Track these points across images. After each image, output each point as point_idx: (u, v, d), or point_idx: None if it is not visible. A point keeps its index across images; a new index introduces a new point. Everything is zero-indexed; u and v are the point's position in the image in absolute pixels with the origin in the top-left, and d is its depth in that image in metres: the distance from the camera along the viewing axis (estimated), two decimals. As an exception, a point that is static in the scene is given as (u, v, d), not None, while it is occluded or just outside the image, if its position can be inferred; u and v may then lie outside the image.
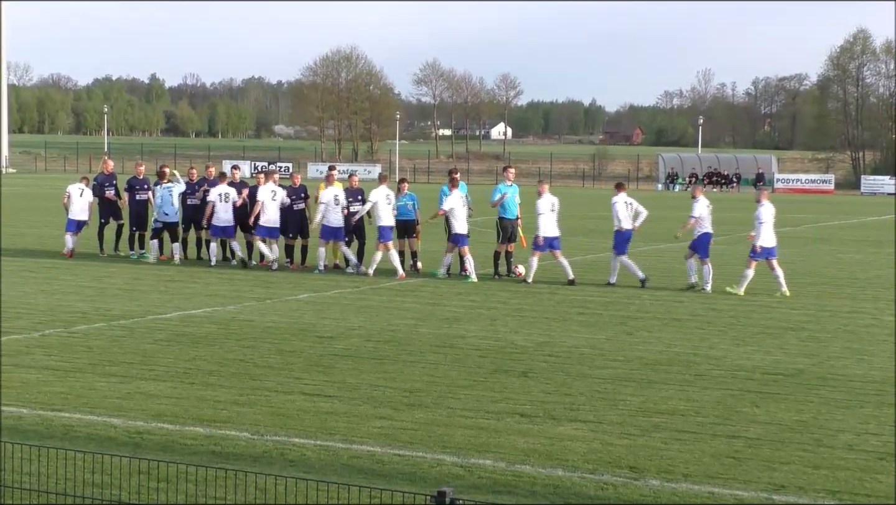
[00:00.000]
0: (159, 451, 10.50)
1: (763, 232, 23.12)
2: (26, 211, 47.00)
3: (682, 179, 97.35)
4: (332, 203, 25.42)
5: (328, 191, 25.65)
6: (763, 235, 23.11)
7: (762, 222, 23.13)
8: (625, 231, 24.25)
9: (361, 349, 16.06)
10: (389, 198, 25.46)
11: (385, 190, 25.42)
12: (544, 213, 24.23)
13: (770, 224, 23.26)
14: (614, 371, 14.76)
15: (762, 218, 23.18)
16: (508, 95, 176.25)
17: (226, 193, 26.91)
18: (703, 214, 23.91)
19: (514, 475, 9.96)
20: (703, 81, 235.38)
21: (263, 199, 26.15)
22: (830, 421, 12.20)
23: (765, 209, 23.30)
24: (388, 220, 25.23)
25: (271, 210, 26.18)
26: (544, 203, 24.37)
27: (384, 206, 25.24)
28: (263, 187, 26.46)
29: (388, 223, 25.19)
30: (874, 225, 49.04)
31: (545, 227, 24.16)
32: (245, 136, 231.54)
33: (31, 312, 18.93)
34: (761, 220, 23.16)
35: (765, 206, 23.37)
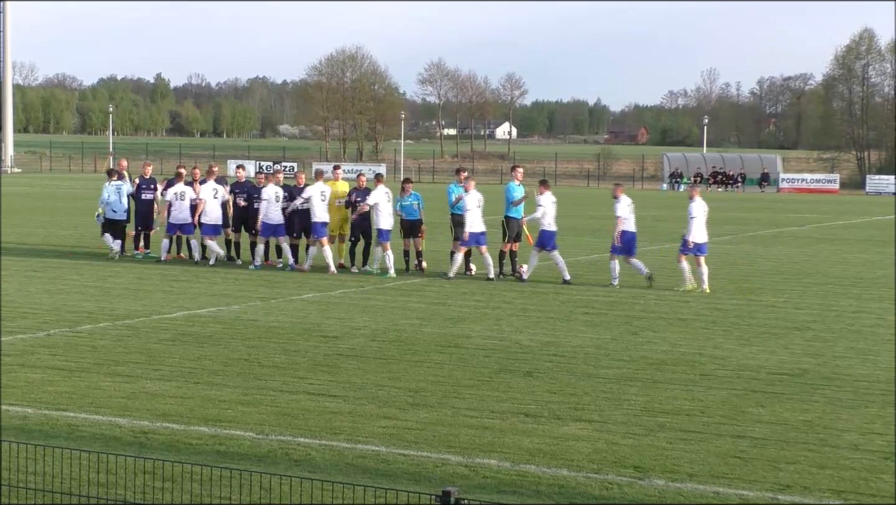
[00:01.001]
0: (164, 450, 10.51)
1: (694, 227, 23.38)
2: (32, 211, 47.04)
3: (687, 179, 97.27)
4: (273, 200, 25.96)
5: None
6: (694, 231, 23.36)
7: (693, 217, 23.42)
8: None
9: (366, 349, 16.07)
10: (388, 195, 25.58)
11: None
12: (471, 210, 24.45)
13: (701, 220, 23.56)
14: (619, 371, 14.75)
15: (693, 213, 23.46)
16: (513, 95, 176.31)
17: (181, 192, 27.24)
18: (625, 214, 24.07)
19: (519, 475, 9.96)
20: (708, 81, 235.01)
21: (205, 198, 26.84)
22: (835, 421, 12.18)
23: (696, 205, 23.57)
24: (387, 223, 25.28)
25: (213, 208, 26.87)
26: (471, 199, 24.58)
27: (385, 207, 25.27)
28: (206, 186, 27.16)
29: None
30: (879, 225, 48.98)
31: (472, 224, 24.36)
32: (250, 136, 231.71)
33: (36, 312, 18.95)
34: (692, 216, 23.46)
35: (696, 202, 23.67)
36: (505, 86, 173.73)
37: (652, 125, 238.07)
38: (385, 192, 25.55)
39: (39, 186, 73.74)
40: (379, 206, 25.32)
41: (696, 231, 23.38)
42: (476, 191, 25.03)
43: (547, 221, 24.55)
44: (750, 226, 45.85)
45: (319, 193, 25.70)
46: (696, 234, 23.41)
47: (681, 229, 24.91)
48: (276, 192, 26.27)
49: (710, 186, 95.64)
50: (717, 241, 37.07)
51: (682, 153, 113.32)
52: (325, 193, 25.68)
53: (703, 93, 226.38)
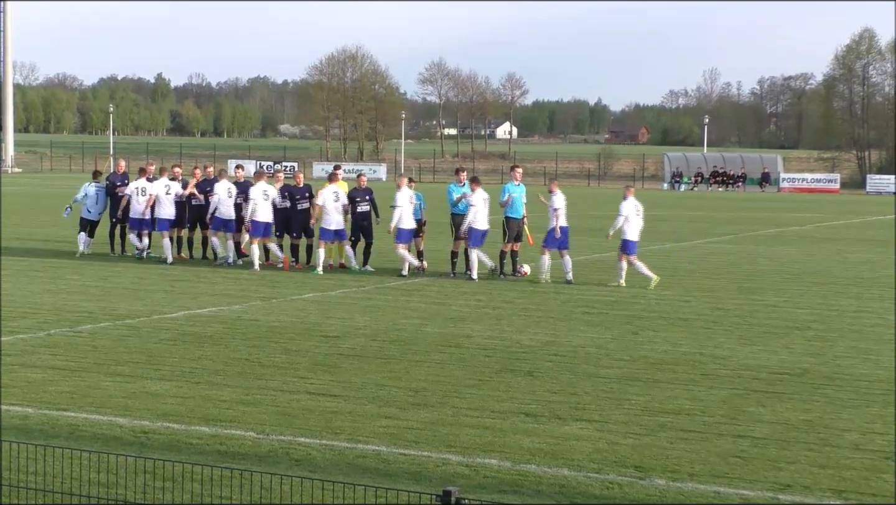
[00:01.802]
0: (165, 450, 10.51)
1: (618, 224, 23.93)
2: (32, 210, 47.04)
3: (688, 179, 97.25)
4: (225, 196, 26.25)
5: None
6: (627, 229, 23.85)
7: (622, 215, 23.93)
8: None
9: (367, 349, 16.06)
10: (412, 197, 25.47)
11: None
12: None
13: (634, 219, 23.97)
14: (620, 371, 14.75)
15: (623, 212, 23.96)
16: (514, 95, 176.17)
17: (142, 188, 27.60)
18: (561, 207, 24.45)
19: (520, 475, 9.96)
20: (709, 81, 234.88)
21: (145, 193, 27.33)
22: (836, 420, 12.18)
23: (627, 204, 24.05)
24: (409, 223, 25.19)
25: (168, 204, 27.19)
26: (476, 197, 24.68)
27: (407, 207, 25.17)
28: (157, 183, 27.49)
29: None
30: (880, 224, 48.96)
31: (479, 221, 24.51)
32: (250, 136, 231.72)
33: (37, 312, 18.95)
34: (621, 214, 23.98)
35: (628, 200, 24.15)
36: (505, 85, 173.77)
37: (652, 125, 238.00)
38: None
39: (40, 186, 73.74)
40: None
41: (629, 229, 23.90)
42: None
43: (478, 220, 24.66)
44: (751, 225, 45.84)
45: (262, 193, 26.04)
46: (630, 233, 23.92)
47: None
48: (227, 187, 26.72)
49: (710, 186, 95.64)
50: (718, 241, 37.09)
51: (682, 153, 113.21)
52: (340, 194, 25.82)
53: (703, 92, 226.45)
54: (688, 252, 32.83)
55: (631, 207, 24.23)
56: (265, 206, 26.02)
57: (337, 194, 25.80)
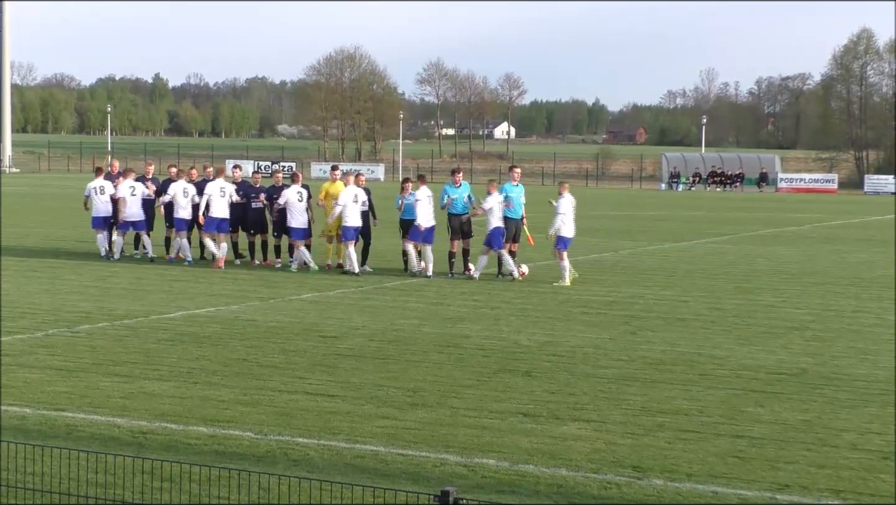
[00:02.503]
0: (163, 450, 10.50)
1: (558, 222, 24.13)
2: (30, 210, 47.02)
3: (686, 179, 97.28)
4: (351, 202, 25.51)
5: (349, 190, 25.62)
6: (563, 226, 24.08)
7: (561, 213, 24.14)
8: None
9: (365, 349, 16.06)
10: (358, 197, 25.58)
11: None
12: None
13: (570, 215, 24.24)
14: (618, 371, 14.75)
15: (560, 210, 24.17)
16: (512, 95, 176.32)
17: (100, 187, 27.72)
18: (493, 207, 24.55)
19: (518, 475, 9.96)
20: (707, 81, 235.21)
21: (123, 195, 27.43)
22: (834, 420, 12.18)
23: (564, 201, 24.33)
24: (356, 220, 25.34)
25: (134, 204, 27.34)
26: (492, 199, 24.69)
27: (428, 206, 25.24)
28: (123, 184, 27.61)
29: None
30: (878, 224, 48.98)
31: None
32: (248, 136, 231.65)
33: (35, 312, 18.94)
34: (560, 212, 24.16)
35: (565, 197, 24.44)
36: (503, 86, 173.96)
37: (650, 125, 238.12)
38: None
39: (38, 186, 73.71)
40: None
41: (564, 227, 24.16)
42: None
43: (421, 218, 24.90)
44: (749, 226, 45.85)
45: (219, 190, 26.46)
46: (566, 230, 24.19)
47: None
48: (183, 187, 27.07)
49: (708, 186, 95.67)
50: (717, 241, 37.09)
51: (680, 153, 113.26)
52: (303, 194, 26.12)
53: (701, 93, 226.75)
54: (686, 252, 32.83)
55: (568, 204, 24.51)
56: (220, 203, 26.47)
57: (301, 194, 26.15)
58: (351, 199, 25.36)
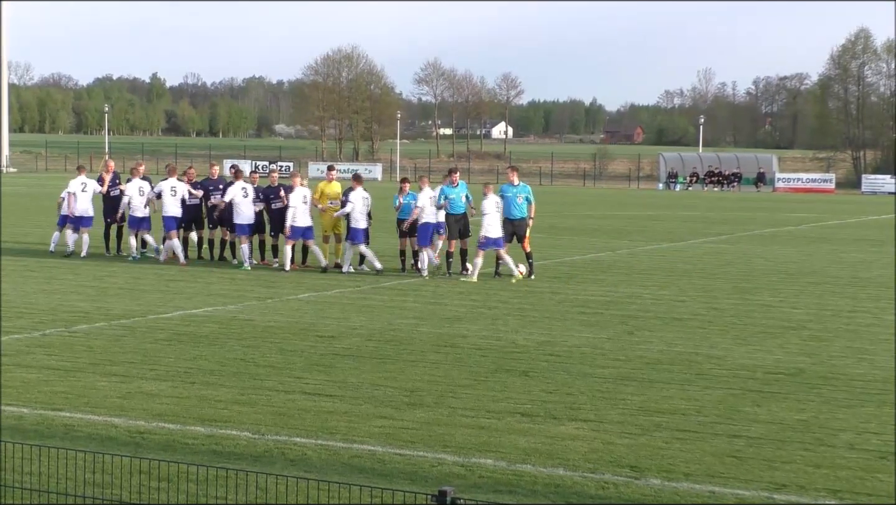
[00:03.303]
0: (160, 450, 10.50)
1: (485, 223, 24.40)
2: (28, 210, 46.98)
3: (683, 179, 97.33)
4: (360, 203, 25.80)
5: (357, 192, 25.71)
6: (487, 226, 24.31)
7: (486, 213, 24.39)
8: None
9: (362, 349, 16.06)
10: (366, 199, 25.81)
11: (362, 192, 25.66)
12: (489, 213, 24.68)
13: (494, 215, 24.46)
14: (615, 370, 14.75)
15: (485, 210, 24.44)
16: (509, 95, 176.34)
17: (140, 187, 27.87)
18: (425, 204, 24.95)
19: (515, 474, 9.96)
20: (704, 81, 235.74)
21: (74, 191, 28.29)
22: (831, 420, 12.19)
23: (488, 201, 24.58)
24: (363, 222, 25.57)
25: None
26: (489, 203, 24.80)
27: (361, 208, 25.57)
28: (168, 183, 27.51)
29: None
30: (875, 224, 49.02)
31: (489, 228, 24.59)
32: (246, 136, 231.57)
33: (32, 312, 18.93)
34: (485, 212, 24.43)
35: (489, 198, 24.68)
36: (501, 85, 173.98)
37: (648, 125, 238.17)
38: (363, 196, 25.75)
39: (36, 186, 73.65)
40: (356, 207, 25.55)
41: (489, 227, 24.37)
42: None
43: (354, 217, 25.31)
44: (746, 225, 45.87)
45: (170, 189, 27.08)
46: (490, 230, 24.38)
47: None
48: (139, 186, 27.50)
49: (706, 186, 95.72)
50: (714, 241, 37.11)
51: (678, 153, 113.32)
52: (249, 189, 26.54)
53: (699, 92, 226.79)
54: (683, 252, 32.83)
55: (492, 205, 24.72)
56: (173, 202, 27.04)
57: (245, 190, 26.51)
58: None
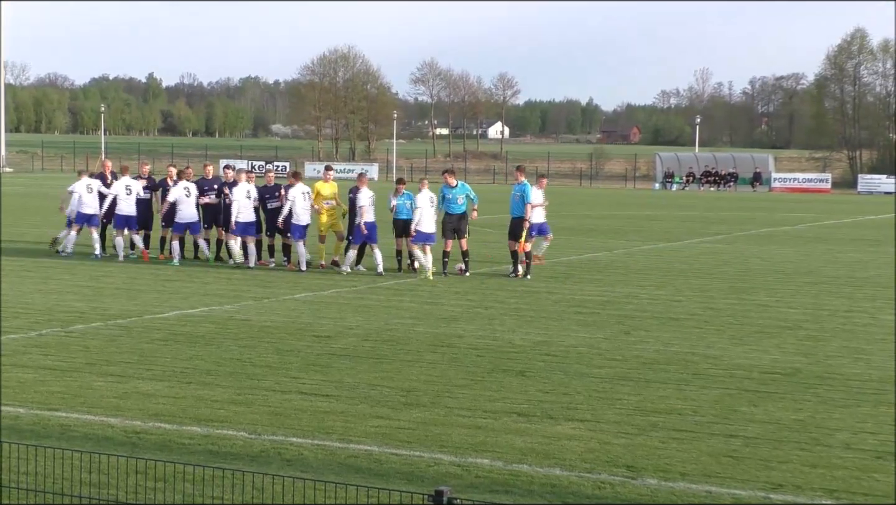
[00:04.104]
0: (157, 450, 10.49)
1: (416, 217, 24.94)
2: (24, 210, 46.94)
3: (680, 179, 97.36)
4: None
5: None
6: (420, 220, 24.83)
7: (418, 208, 24.99)
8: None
9: (359, 349, 16.06)
10: (307, 195, 26.09)
11: (428, 194, 25.68)
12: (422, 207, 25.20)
13: (428, 210, 25.00)
14: (612, 370, 14.76)
15: (418, 204, 25.04)
16: (506, 95, 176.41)
17: (128, 186, 28.01)
18: (424, 206, 25.29)
19: (512, 474, 9.96)
20: (701, 81, 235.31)
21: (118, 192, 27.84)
22: (828, 420, 12.20)
23: (422, 196, 25.16)
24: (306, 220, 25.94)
25: (126, 204, 27.68)
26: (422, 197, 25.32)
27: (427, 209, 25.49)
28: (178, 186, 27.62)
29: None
30: (871, 224, 49.05)
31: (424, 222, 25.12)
32: (242, 136, 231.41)
33: (28, 312, 18.91)
34: (417, 206, 25.05)
35: (423, 193, 25.25)
36: (497, 85, 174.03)
37: (644, 125, 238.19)
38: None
39: (32, 186, 73.59)
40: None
41: (423, 221, 24.87)
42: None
43: (295, 214, 25.81)
44: (742, 225, 45.90)
45: (125, 188, 27.50)
46: (424, 225, 24.88)
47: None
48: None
49: (702, 186, 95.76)
50: (710, 241, 37.13)
51: (674, 153, 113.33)
52: (190, 188, 26.99)
53: (695, 92, 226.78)
54: (680, 252, 32.84)
55: (426, 200, 25.16)
56: (128, 200, 27.52)
57: (188, 189, 27.05)
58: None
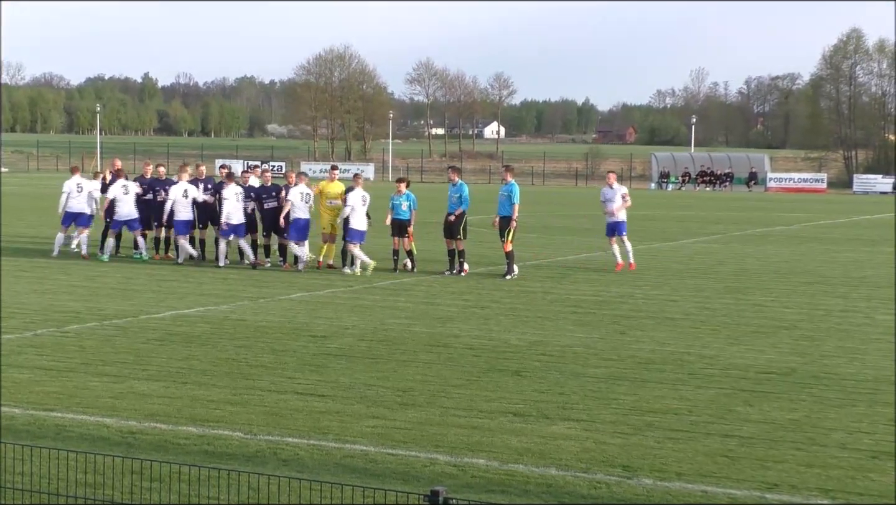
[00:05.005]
0: (152, 450, 10.48)
1: (345, 213, 25.47)
2: (19, 210, 46.89)
3: (675, 178, 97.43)
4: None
5: (356, 193, 25.90)
6: (352, 219, 25.33)
7: (349, 206, 25.41)
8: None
9: (355, 349, 16.05)
10: (302, 195, 26.15)
11: (361, 193, 25.80)
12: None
13: (359, 210, 25.38)
14: (607, 370, 14.76)
15: (349, 202, 25.48)
16: (502, 94, 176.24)
17: (125, 186, 28.04)
18: (295, 201, 25.82)
19: (508, 474, 9.96)
20: (696, 80, 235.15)
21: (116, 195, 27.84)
22: (823, 420, 12.21)
23: (353, 195, 25.57)
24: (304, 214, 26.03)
25: (125, 203, 27.74)
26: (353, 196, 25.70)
27: (300, 204, 25.94)
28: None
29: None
30: (867, 224, 49.11)
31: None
32: (238, 136, 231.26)
33: (24, 312, 18.89)
34: (348, 204, 25.46)
35: (355, 191, 25.67)
36: (493, 85, 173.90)
37: (640, 125, 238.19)
38: (302, 192, 26.13)
39: (27, 186, 73.54)
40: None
41: (355, 219, 25.31)
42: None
43: (353, 217, 25.79)
44: (738, 225, 45.94)
45: (122, 189, 27.61)
46: (356, 223, 25.32)
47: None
48: (124, 185, 27.82)
49: (698, 186, 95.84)
50: (706, 241, 37.15)
51: (670, 152, 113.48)
52: (307, 196, 26.39)
53: (691, 92, 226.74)
54: (675, 252, 32.87)
55: (357, 198, 25.48)
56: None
57: (126, 187, 27.35)
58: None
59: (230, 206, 26.23)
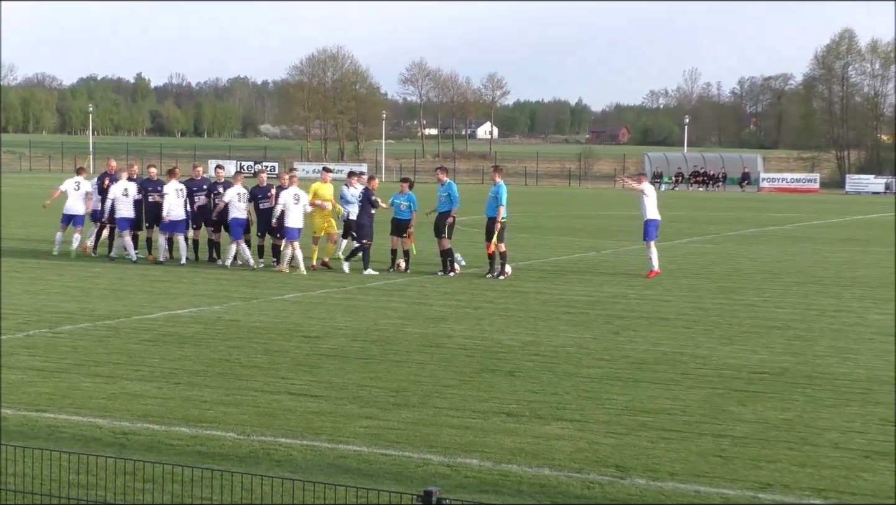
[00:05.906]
0: (145, 451, 10.47)
1: (277, 211, 25.95)
2: (12, 211, 46.77)
3: (668, 178, 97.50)
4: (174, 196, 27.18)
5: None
6: (288, 217, 25.73)
7: (281, 204, 25.87)
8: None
9: (348, 349, 16.05)
10: (297, 197, 26.15)
11: (293, 190, 26.01)
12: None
13: (294, 208, 25.74)
14: (601, 370, 14.77)
15: (281, 200, 25.95)
16: (495, 95, 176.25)
17: (126, 188, 27.89)
18: (287, 203, 26.00)
19: (501, 474, 9.96)
20: (689, 81, 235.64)
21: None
22: (816, 419, 12.22)
23: (286, 193, 25.94)
24: (297, 221, 25.97)
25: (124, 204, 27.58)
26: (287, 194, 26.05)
27: (293, 207, 25.93)
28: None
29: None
30: (860, 224, 49.18)
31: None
32: (231, 136, 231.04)
33: (16, 313, 18.86)
34: (281, 202, 25.93)
35: (288, 189, 26.05)
36: (486, 85, 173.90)
37: (633, 125, 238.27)
38: (294, 193, 26.11)
39: (19, 187, 73.38)
40: (287, 205, 25.93)
41: (288, 218, 25.65)
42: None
43: (286, 216, 26.12)
44: (731, 225, 45.97)
45: (122, 190, 27.43)
46: (289, 220, 25.68)
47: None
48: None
49: (691, 186, 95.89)
50: (699, 241, 37.18)
51: (663, 153, 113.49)
52: (299, 197, 26.36)
53: (684, 92, 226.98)
54: (668, 252, 32.88)
55: (289, 196, 25.82)
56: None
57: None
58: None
59: (233, 205, 26.38)
